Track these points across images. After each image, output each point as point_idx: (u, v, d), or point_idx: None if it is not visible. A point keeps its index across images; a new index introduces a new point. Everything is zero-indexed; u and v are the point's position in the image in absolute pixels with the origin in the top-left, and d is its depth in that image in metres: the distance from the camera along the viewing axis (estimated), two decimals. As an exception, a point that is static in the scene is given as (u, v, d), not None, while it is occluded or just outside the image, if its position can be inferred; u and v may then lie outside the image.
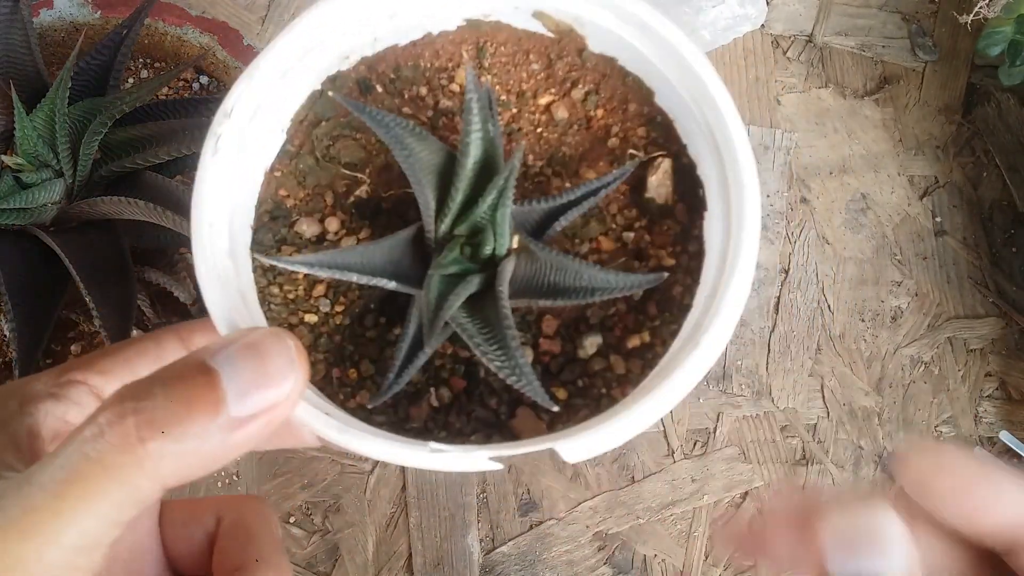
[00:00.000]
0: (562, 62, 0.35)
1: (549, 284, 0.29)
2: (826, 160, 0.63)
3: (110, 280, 0.41)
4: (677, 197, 0.33)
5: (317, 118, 0.34)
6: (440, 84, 0.35)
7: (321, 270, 0.28)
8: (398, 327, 0.31)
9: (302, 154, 0.33)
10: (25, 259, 0.42)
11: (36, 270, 0.42)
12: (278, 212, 0.33)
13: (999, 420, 0.56)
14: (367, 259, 0.29)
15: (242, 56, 0.55)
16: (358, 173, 0.33)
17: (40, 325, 0.41)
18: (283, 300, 0.32)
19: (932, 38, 0.67)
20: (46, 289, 0.42)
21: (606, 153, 0.34)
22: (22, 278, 0.41)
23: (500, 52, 0.35)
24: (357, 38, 0.33)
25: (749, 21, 0.65)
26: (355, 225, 0.33)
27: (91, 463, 0.23)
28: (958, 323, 0.58)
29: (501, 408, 0.30)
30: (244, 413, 0.24)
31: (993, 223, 0.61)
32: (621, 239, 0.33)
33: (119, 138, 0.43)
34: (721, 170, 0.30)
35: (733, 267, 0.28)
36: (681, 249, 0.32)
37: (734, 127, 0.30)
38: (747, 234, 0.28)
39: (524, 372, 0.27)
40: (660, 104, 0.33)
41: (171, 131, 0.43)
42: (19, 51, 0.43)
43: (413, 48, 0.34)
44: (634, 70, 0.34)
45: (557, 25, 0.34)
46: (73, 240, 0.42)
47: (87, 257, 0.41)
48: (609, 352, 0.31)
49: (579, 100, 0.35)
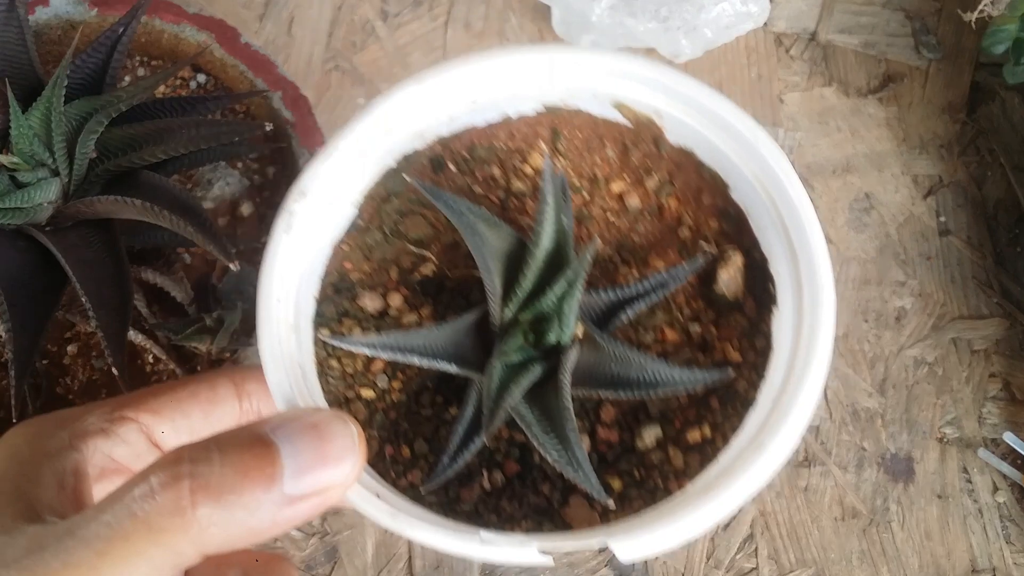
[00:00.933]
0: (637, 151, 0.35)
1: (612, 375, 0.29)
2: (829, 159, 0.63)
3: (107, 280, 0.41)
4: (747, 291, 0.33)
5: (388, 193, 0.34)
6: (514, 166, 0.35)
7: (384, 352, 0.28)
8: (454, 407, 0.31)
9: (371, 228, 0.34)
10: (21, 259, 0.41)
11: (32, 270, 0.42)
12: (342, 285, 0.33)
13: (1003, 421, 0.55)
14: (429, 342, 0.29)
15: (239, 54, 0.54)
16: (425, 250, 0.34)
17: (36, 326, 0.40)
18: (341, 374, 0.32)
19: (936, 36, 0.66)
20: (42, 289, 0.41)
21: (677, 243, 0.34)
22: (17, 278, 0.41)
23: (576, 137, 0.35)
24: (434, 118, 0.33)
25: (752, 19, 0.64)
26: (417, 302, 0.33)
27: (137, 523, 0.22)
28: (962, 324, 0.58)
29: (554, 495, 0.30)
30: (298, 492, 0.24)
31: (998, 222, 0.61)
32: (687, 331, 0.32)
33: (116, 137, 0.43)
34: (795, 268, 0.30)
35: (805, 370, 0.28)
36: (748, 344, 0.32)
37: (812, 228, 0.30)
38: (822, 338, 0.28)
39: (582, 466, 0.27)
40: (735, 198, 0.33)
41: (168, 130, 0.43)
42: (14, 48, 0.42)
43: (489, 129, 0.34)
44: (711, 163, 0.33)
45: (636, 116, 0.34)
46: (69, 240, 0.41)
47: (83, 257, 0.41)
48: (668, 444, 0.30)
49: (653, 189, 0.35)
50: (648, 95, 0.33)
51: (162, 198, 0.40)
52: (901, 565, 0.51)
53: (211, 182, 0.51)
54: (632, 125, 0.34)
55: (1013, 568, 0.52)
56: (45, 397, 0.46)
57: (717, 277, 0.33)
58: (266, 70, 0.54)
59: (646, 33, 0.63)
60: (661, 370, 0.28)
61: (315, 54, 0.64)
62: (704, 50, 0.65)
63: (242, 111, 0.55)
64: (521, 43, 0.65)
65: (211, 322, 0.46)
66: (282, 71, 0.54)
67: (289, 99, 0.53)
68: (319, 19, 0.66)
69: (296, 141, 0.52)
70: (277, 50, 0.64)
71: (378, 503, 0.27)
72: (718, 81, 0.65)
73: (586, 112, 0.34)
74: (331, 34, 0.65)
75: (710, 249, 0.33)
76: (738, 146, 0.32)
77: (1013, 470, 0.54)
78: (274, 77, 0.54)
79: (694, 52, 0.64)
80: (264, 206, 0.52)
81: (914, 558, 0.52)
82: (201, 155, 0.46)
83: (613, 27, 0.63)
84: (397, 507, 0.27)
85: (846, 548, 0.52)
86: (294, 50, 0.64)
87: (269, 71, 0.54)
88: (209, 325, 0.46)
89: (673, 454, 0.30)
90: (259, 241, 0.51)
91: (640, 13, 0.63)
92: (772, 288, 0.32)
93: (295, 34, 0.65)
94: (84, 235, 0.42)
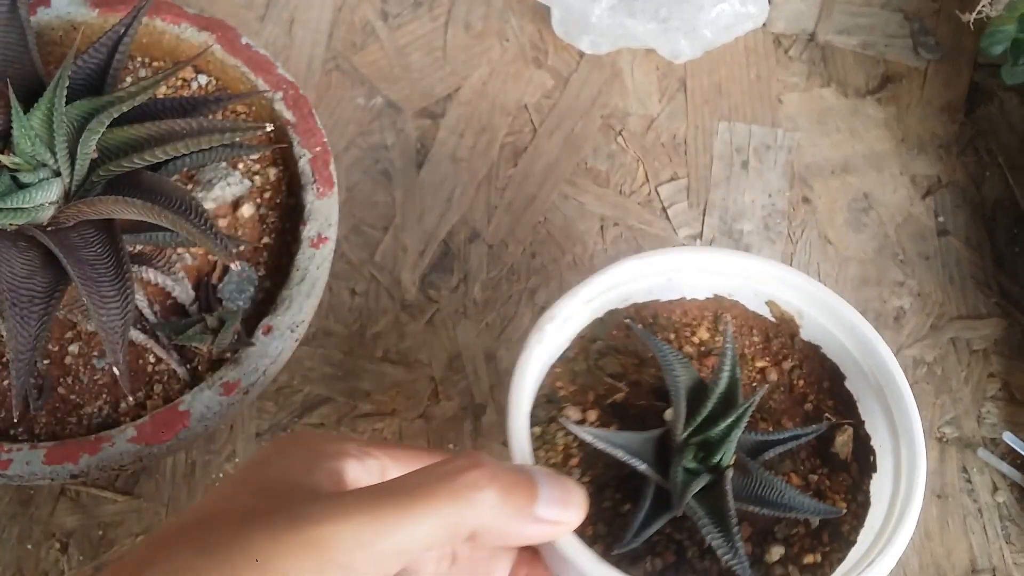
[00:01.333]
0: (777, 340, 0.46)
1: (757, 495, 0.38)
2: (828, 159, 0.63)
3: (108, 280, 0.41)
4: (854, 458, 0.43)
5: (593, 336, 0.45)
6: (684, 336, 0.46)
7: (600, 442, 0.38)
8: (628, 504, 0.41)
9: (577, 359, 0.44)
10: (22, 259, 0.42)
11: (33, 270, 0.42)
12: (552, 397, 0.43)
13: (1002, 421, 0.56)
14: (628, 443, 0.39)
15: (240, 54, 0.54)
16: (617, 383, 0.44)
17: (37, 325, 0.40)
18: (545, 463, 0.41)
19: (934, 37, 0.66)
20: (43, 289, 0.41)
21: (801, 414, 0.44)
22: (19, 278, 0.41)
23: (731, 322, 0.46)
24: (636, 287, 0.45)
25: (751, 19, 0.65)
26: (607, 420, 0.43)
27: (442, 486, 0.30)
28: (961, 324, 0.58)
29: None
30: (544, 516, 0.33)
31: (996, 222, 0.61)
32: (806, 480, 0.42)
33: (117, 138, 0.43)
34: (896, 445, 0.41)
35: (897, 531, 0.38)
36: (851, 498, 0.42)
37: (916, 424, 0.40)
38: (913, 506, 0.38)
39: (739, 554, 0.36)
40: (848, 387, 0.44)
41: (170, 130, 0.43)
42: (16, 50, 0.43)
43: (670, 305, 0.46)
44: (833, 357, 0.45)
45: (782, 313, 0.45)
46: (70, 240, 0.42)
47: (84, 257, 0.41)
48: (788, 562, 0.40)
49: (787, 370, 0.45)
50: (795, 297, 0.44)
51: (163, 198, 0.41)
52: (901, 565, 0.51)
53: (212, 182, 0.51)
54: (776, 320, 0.46)
55: (1013, 568, 0.52)
56: (46, 397, 0.46)
57: (835, 442, 0.43)
58: (266, 71, 0.54)
59: (646, 33, 0.63)
60: (796, 497, 0.38)
61: (315, 55, 0.64)
62: (703, 50, 0.65)
63: (243, 112, 0.55)
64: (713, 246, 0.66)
65: (212, 322, 0.46)
66: (282, 72, 0.54)
67: (290, 100, 0.53)
68: (319, 20, 0.66)
69: (297, 142, 0.52)
70: (277, 51, 0.64)
71: (587, 549, 0.36)
72: (717, 82, 0.65)
73: (743, 305, 0.46)
74: (331, 35, 0.65)
75: (830, 417, 0.44)
76: (860, 347, 0.43)
77: (1013, 470, 0.54)
78: (274, 78, 0.54)
79: (693, 53, 0.64)
80: (265, 207, 0.52)
81: (914, 558, 0.52)
82: (202, 156, 0.46)
83: (613, 28, 0.63)
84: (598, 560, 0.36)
85: (846, 547, 0.52)
86: (294, 51, 0.64)
87: (269, 72, 0.54)
88: (210, 326, 0.46)
89: (792, 571, 0.40)
90: (259, 242, 0.52)
91: (640, 14, 0.63)
92: (873, 458, 0.43)
93: (295, 35, 0.65)
94: (85, 235, 0.42)
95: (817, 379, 0.45)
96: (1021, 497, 0.54)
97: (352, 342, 0.56)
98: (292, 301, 0.48)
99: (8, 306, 0.40)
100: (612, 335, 0.45)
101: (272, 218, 0.52)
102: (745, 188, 0.62)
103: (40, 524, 0.51)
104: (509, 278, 0.59)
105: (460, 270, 0.59)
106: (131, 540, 0.51)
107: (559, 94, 0.64)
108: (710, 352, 0.46)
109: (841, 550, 0.40)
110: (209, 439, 0.53)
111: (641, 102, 0.64)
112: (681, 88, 0.65)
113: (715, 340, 0.46)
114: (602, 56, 0.65)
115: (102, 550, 0.50)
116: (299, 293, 0.48)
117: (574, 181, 0.62)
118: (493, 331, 0.58)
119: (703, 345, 0.46)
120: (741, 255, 0.45)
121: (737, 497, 0.38)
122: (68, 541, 0.50)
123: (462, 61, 0.65)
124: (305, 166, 0.52)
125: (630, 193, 0.62)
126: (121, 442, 0.44)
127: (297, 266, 0.49)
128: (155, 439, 0.44)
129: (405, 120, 0.63)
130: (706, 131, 0.64)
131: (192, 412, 0.44)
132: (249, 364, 0.46)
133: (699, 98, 0.65)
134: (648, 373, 0.45)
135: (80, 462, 0.43)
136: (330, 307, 0.57)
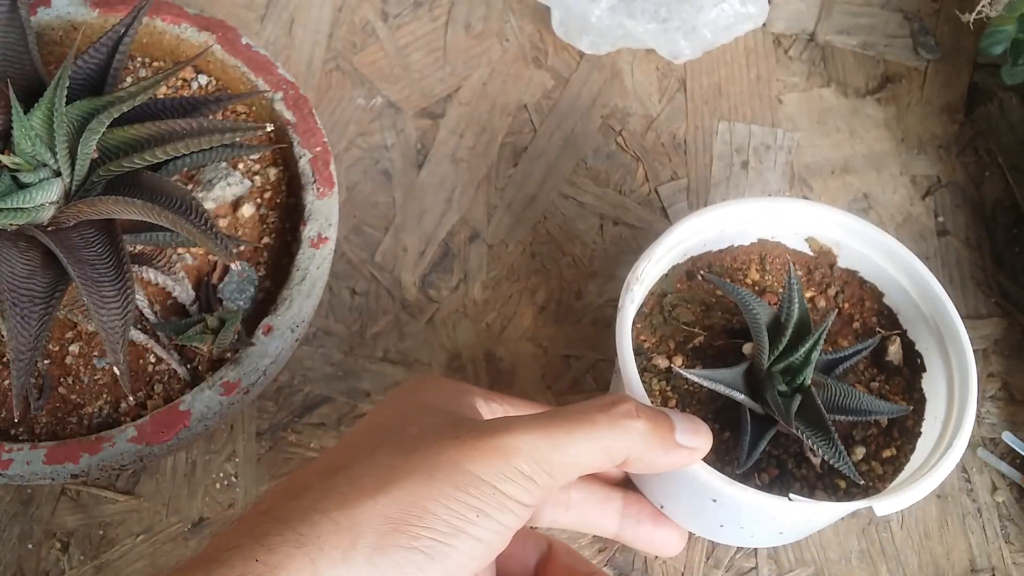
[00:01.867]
0: (818, 272, 0.52)
1: (839, 405, 0.45)
2: (828, 160, 0.63)
3: (109, 281, 0.41)
4: (904, 362, 0.49)
5: (664, 291, 0.50)
6: (738, 279, 0.52)
7: (704, 380, 0.44)
8: (727, 432, 0.46)
9: (653, 314, 0.50)
10: (22, 259, 0.42)
11: (34, 270, 0.42)
12: (639, 350, 0.48)
13: (1002, 421, 0.56)
14: (725, 378, 0.45)
15: (240, 54, 0.54)
16: (692, 329, 0.49)
17: (38, 326, 0.40)
18: None
19: (934, 37, 0.66)
20: (44, 290, 0.41)
21: (852, 332, 0.51)
22: (19, 279, 0.41)
23: (776, 262, 0.52)
24: (694, 242, 0.50)
25: (750, 20, 0.65)
26: (692, 363, 0.49)
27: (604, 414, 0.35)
28: (961, 323, 0.58)
29: (804, 491, 0.45)
30: (684, 443, 0.38)
31: (996, 223, 0.61)
32: (868, 387, 0.49)
33: (117, 137, 0.43)
34: (941, 345, 0.47)
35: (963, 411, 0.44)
36: (909, 397, 0.48)
37: (955, 317, 0.47)
38: (971, 390, 0.45)
39: (841, 454, 0.42)
40: (887, 303, 0.51)
41: (170, 131, 0.43)
42: (16, 50, 0.43)
43: (720, 254, 0.51)
44: (870, 279, 0.51)
45: (820, 247, 0.51)
46: (71, 240, 0.42)
47: (85, 257, 0.41)
48: (870, 459, 0.47)
49: (832, 296, 0.51)
50: (832, 230, 0.50)
51: (163, 198, 0.41)
52: (900, 564, 0.52)
53: (212, 182, 0.51)
54: (814, 254, 0.51)
55: (1012, 568, 0.52)
56: (47, 397, 0.47)
57: (888, 351, 0.49)
58: (267, 71, 0.54)
59: (645, 34, 0.63)
60: (872, 402, 0.45)
61: (315, 55, 0.65)
62: (703, 51, 0.65)
63: (244, 112, 0.55)
64: (769, 195, 0.66)
65: (212, 323, 0.46)
66: (282, 72, 0.54)
67: (290, 100, 0.53)
68: (319, 20, 0.66)
69: (297, 142, 0.52)
70: (278, 51, 0.64)
71: (718, 473, 0.41)
72: (717, 82, 0.65)
73: (784, 244, 0.52)
74: (331, 35, 0.65)
75: (881, 331, 0.50)
76: (894, 264, 0.49)
77: (1012, 470, 0.54)
78: (275, 78, 0.54)
79: (693, 53, 0.64)
80: (266, 207, 0.53)
81: (913, 557, 0.52)
82: (203, 156, 0.46)
83: (612, 28, 0.63)
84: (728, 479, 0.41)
85: (845, 547, 0.52)
86: (295, 51, 0.65)
87: (270, 72, 0.54)
88: (210, 326, 0.46)
89: (875, 465, 0.46)
90: (260, 242, 0.52)
91: (639, 14, 0.63)
92: (920, 360, 0.49)
93: (295, 35, 0.65)
94: (86, 235, 0.42)
95: (859, 300, 0.51)
96: (1020, 497, 0.54)
97: (352, 342, 0.56)
98: (292, 301, 0.48)
99: (9, 306, 0.40)
100: (677, 288, 0.50)
101: (272, 218, 0.52)
102: (745, 188, 0.62)
103: (41, 524, 0.51)
104: (509, 278, 0.59)
105: (460, 270, 0.59)
106: (131, 540, 0.51)
107: (559, 94, 0.64)
108: (764, 290, 0.51)
109: (911, 442, 0.46)
110: (209, 439, 0.53)
111: (641, 102, 0.64)
112: (681, 88, 0.65)
113: (765, 279, 0.52)
114: (602, 56, 0.66)
115: (103, 550, 0.50)
116: (299, 293, 0.48)
117: (574, 181, 0.62)
118: (493, 331, 0.58)
119: (756, 284, 0.51)
120: (785, 200, 0.51)
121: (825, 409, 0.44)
122: (69, 541, 0.50)
123: (462, 61, 0.65)
124: (305, 166, 0.52)
125: (630, 193, 0.62)
126: (122, 442, 0.44)
127: (297, 266, 0.49)
128: (155, 439, 0.44)
129: (405, 120, 0.63)
130: (706, 131, 0.64)
131: (192, 412, 0.45)
132: (249, 364, 0.46)
133: (699, 98, 0.65)
134: (717, 316, 0.50)
135: (81, 462, 0.43)
136: (330, 307, 0.57)
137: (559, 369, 0.57)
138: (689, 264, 0.51)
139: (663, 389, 0.48)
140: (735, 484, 0.41)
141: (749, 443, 0.44)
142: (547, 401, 0.56)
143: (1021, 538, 0.53)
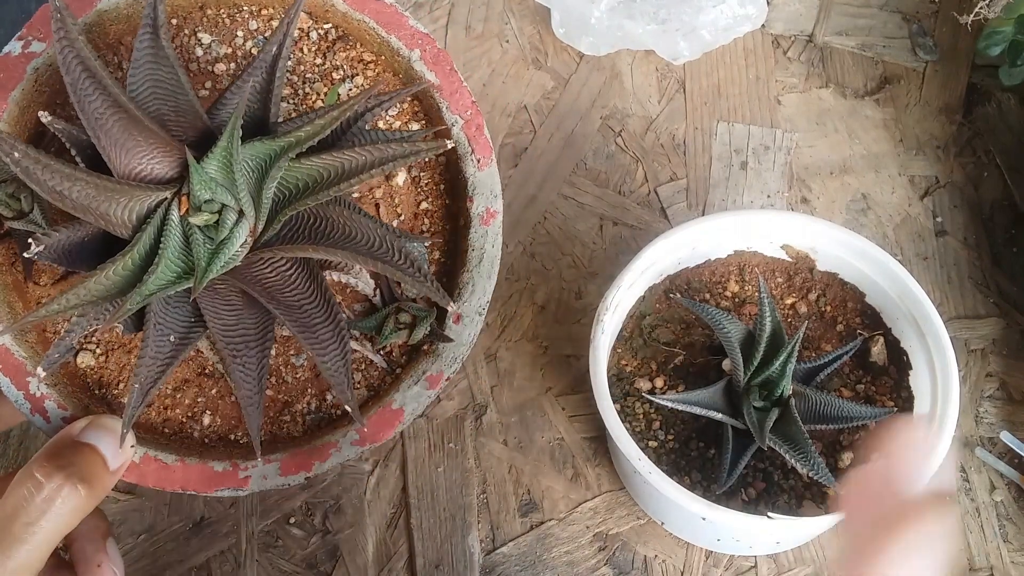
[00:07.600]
0: (798, 276, 0.52)
1: (820, 414, 0.45)
2: (827, 160, 0.63)
3: (321, 322, 0.40)
4: (890, 361, 0.49)
5: (642, 313, 0.51)
6: (718, 292, 0.52)
7: (680, 405, 0.45)
8: (712, 449, 0.47)
9: (633, 336, 0.50)
10: (226, 307, 0.41)
11: (240, 315, 0.41)
12: (621, 375, 0.49)
13: (1000, 420, 0.56)
14: (702, 400, 0.45)
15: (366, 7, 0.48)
16: (672, 348, 0.50)
17: (258, 368, 0.40)
18: (631, 432, 0.46)
19: (933, 38, 0.67)
20: (255, 331, 0.41)
21: (836, 335, 0.51)
22: (229, 327, 0.41)
23: (754, 271, 0.52)
24: (669, 261, 0.50)
25: (749, 21, 0.65)
26: (674, 382, 0.49)
27: None
28: (959, 323, 0.58)
29: (791, 503, 0.46)
30: None
31: (994, 223, 0.61)
32: (855, 390, 0.49)
33: (297, 174, 0.41)
34: (924, 342, 0.47)
35: (947, 402, 0.45)
36: (897, 395, 0.49)
37: (934, 314, 0.47)
38: (952, 383, 0.45)
39: (820, 467, 0.43)
40: (870, 302, 0.51)
41: (352, 163, 0.40)
42: (168, 88, 0.40)
43: (698, 269, 0.52)
44: (850, 280, 0.51)
45: (797, 253, 0.51)
46: (269, 280, 0.41)
47: (291, 300, 0.41)
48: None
49: (813, 300, 0.51)
50: (807, 236, 0.50)
51: (362, 240, 0.39)
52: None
53: None
54: (792, 259, 0.52)
55: (1011, 567, 0.52)
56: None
57: (871, 352, 0.49)
58: (397, 24, 0.48)
59: (645, 35, 0.64)
60: (853, 408, 0.45)
61: (316, 56, 0.65)
62: (702, 52, 0.65)
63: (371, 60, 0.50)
64: (754, 209, 0.66)
65: (405, 318, 0.45)
66: (414, 23, 0.48)
67: (429, 57, 0.47)
68: (320, 21, 0.66)
69: (446, 107, 0.47)
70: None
71: (695, 496, 0.42)
72: (716, 83, 0.65)
73: (761, 253, 0.52)
74: (332, 36, 0.65)
75: (863, 333, 0.50)
76: (872, 266, 0.49)
77: (1010, 469, 0.54)
78: (407, 32, 0.48)
79: (692, 54, 0.65)
80: (416, 168, 0.49)
81: (912, 556, 0.52)
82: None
83: (612, 29, 0.64)
84: (710, 502, 0.42)
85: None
86: (295, 52, 0.65)
87: (401, 25, 0.48)
88: (403, 321, 0.45)
89: None
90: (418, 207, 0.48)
91: (639, 15, 0.63)
92: (906, 358, 0.49)
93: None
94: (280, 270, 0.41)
95: (842, 301, 0.51)
96: (1019, 496, 0.54)
97: (353, 342, 0.56)
98: (475, 284, 0.46)
99: (228, 357, 0.39)
100: (656, 308, 0.51)
101: (425, 179, 0.49)
102: (744, 189, 0.62)
103: (42, 523, 0.51)
104: (509, 278, 0.59)
105: (460, 270, 0.59)
106: (133, 539, 0.52)
107: (559, 95, 0.65)
108: (744, 301, 0.51)
109: None
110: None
111: (640, 103, 0.65)
112: (680, 89, 0.65)
113: (745, 290, 0.52)
114: (601, 57, 0.66)
115: (104, 549, 0.50)
116: (479, 275, 0.46)
117: (573, 181, 0.62)
118: (493, 331, 0.58)
119: (736, 296, 0.51)
120: (750, 212, 0.50)
121: (804, 420, 0.44)
122: (70, 540, 0.50)
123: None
124: (459, 134, 0.47)
125: (629, 193, 0.62)
126: (346, 445, 0.43)
127: (472, 245, 0.46)
128: (375, 438, 0.43)
129: (405, 121, 0.63)
130: (705, 132, 0.64)
131: (405, 409, 0.44)
132: (448, 355, 0.45)
133: (698, 99, 0.65)
134: (697, 333, 0.51)
135: (313, 469, 0.43)
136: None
137: (559, 369, 0.57)
138: (666, 283, 0.51)
139: (647, 412, 0.49)
140: (713, 506, 0.42)
141: (730, 460, 0.45)
142: (547, 400, 0.56)
143: (1019, 537, 0.53)
